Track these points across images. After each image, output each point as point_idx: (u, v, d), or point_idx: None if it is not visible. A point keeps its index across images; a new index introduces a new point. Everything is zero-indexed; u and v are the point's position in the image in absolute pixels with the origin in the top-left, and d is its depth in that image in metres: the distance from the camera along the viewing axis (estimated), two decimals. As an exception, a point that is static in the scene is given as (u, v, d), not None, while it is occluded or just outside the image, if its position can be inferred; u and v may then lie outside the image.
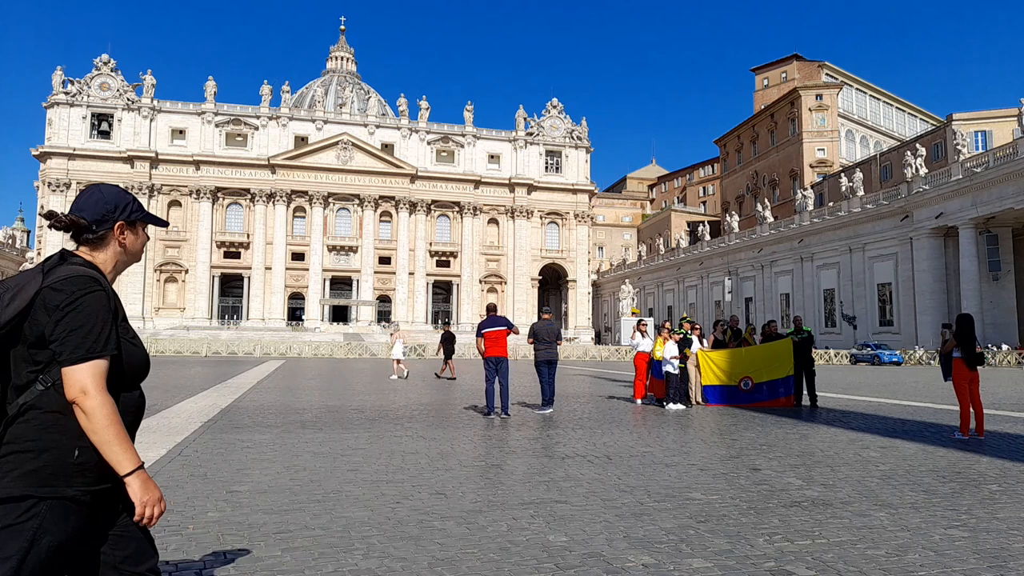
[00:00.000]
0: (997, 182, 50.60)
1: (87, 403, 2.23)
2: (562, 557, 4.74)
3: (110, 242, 2.57)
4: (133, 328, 2.59)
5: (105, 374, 2.30)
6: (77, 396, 2.24)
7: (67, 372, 2.25)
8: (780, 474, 7.85)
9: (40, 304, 2.28)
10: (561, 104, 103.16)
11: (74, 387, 2.24)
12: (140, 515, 2.32)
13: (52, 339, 2.26)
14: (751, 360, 16.39)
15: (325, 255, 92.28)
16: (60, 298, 2.28)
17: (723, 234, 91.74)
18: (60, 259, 2.43)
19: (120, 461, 2.27)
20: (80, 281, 2.33)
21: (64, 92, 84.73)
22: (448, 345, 27.03)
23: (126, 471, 2.28)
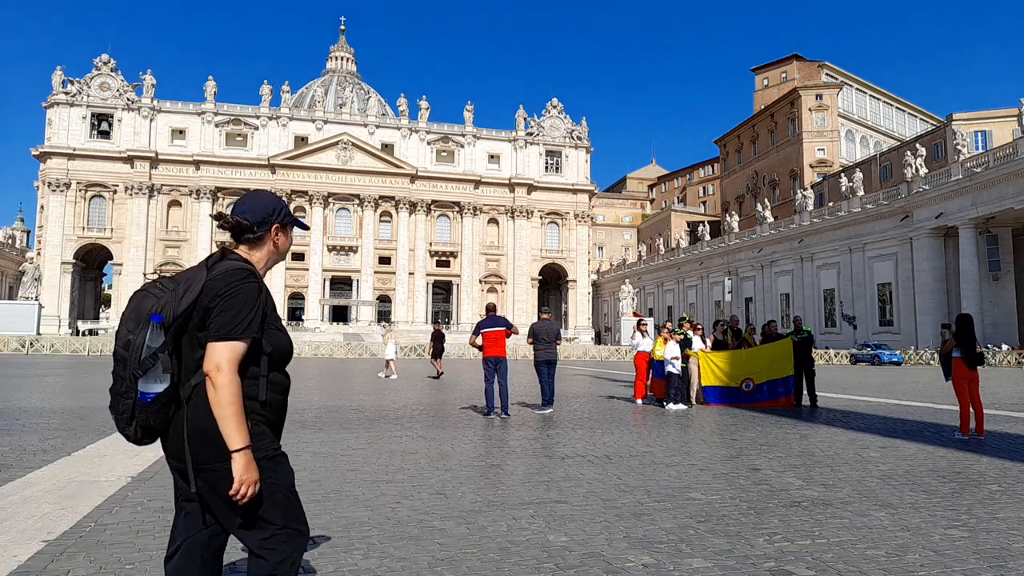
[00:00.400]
0: (997, 182, 50.61)
1: (218, 378, 2.50)
2: (562, 557, 4.74)
3: (266, 242, 2.88)
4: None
5: (240, 356, 2.57)
6: (211, 370, 2.51)
7: (209, 347, 2.54)
8: (780, 474, 7.85)
9: (205, 293, 2.57)
10: (561, 104, 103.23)
11: (211, 362, 2.52)
12: (236, 490, 2.51)
13: (210, 320, 2.57)
14: (752, 362, 16.39)
15: (325, 255, 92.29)
16: (220, 286, 2.59)
17: (723, 234, 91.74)
18: (221, 255, 2.75)
19: (233, 436, 2.51)
20: (239, 273, 2.65)
21: (64, 92, 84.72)
22: (437, 344, 27.22)
23: (236, 447, 2.51)
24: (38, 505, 5.83)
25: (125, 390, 2.57)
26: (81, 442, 9.31)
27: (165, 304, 2.58)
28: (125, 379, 2.57)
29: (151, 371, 2.54)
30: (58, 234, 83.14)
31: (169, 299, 2.59)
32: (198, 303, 2.58)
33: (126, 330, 2.60)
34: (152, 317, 2.55)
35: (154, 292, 2.66)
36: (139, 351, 2.54)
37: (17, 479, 6.84)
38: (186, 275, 2.68)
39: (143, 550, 4.74)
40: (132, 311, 2.64)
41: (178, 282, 2.65)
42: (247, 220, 2.81)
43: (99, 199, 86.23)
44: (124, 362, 2.57)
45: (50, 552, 4.65)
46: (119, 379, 2.59)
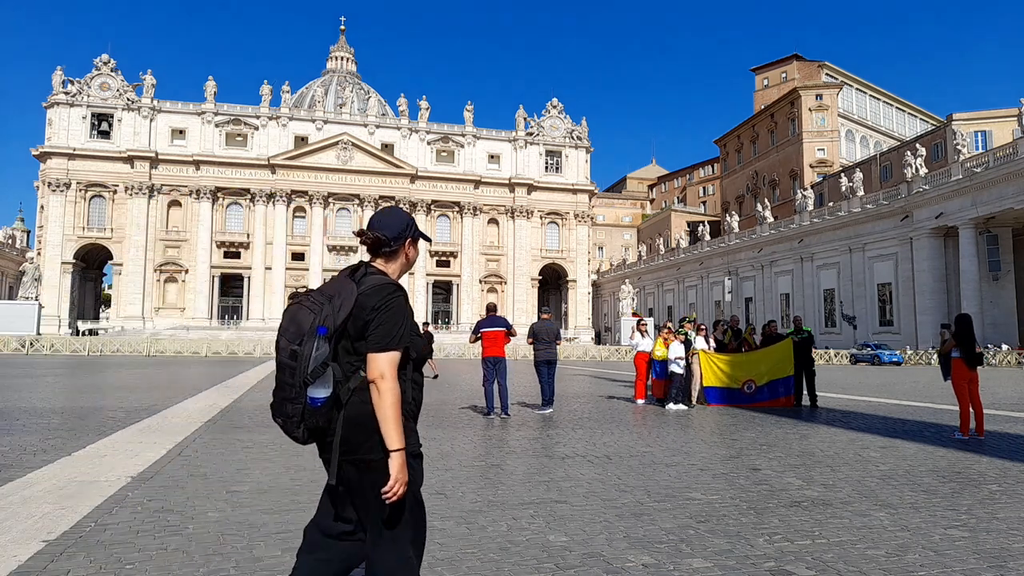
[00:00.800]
0: (997, 182, 50.61)
1: (383, 384, 2.78)
2: (562, 557, 4.74)
3: (400, 255, 3.10)
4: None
5: (398, 363, 2.85)
6: (376, 378, 2.79)
7: (371, 357, 2.81)
8: (780, 474, 7.85)
9: (359, 306, 2.83)
10: (561, 104, 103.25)
11: (375, 370, 2.80)
12: (390, 488, 2.77)
13: (369, 333, 2.83)
14: (754, 364, 16.39)
15: (325, 255, 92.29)
16: (375, 300, 2.84)
17: (723, 234, 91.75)
18: (364, 270, 2.99)
19: (392, 437, 2.78)
20: (388, 287, 2.90)
21: (64, 92, 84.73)
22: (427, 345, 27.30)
23: (394, 447, 2.77)
24: (38, 505, 5.83)
25: (295, 396, 2.80)
26: (81, 442, 9.31)
27: (326, 316, 2.80)
28: (294, 386, 2.79)
29: (320, 378, 2.77)
30: (58, 234, 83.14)
31: (328, 312, 2.82)
32: (353, 315, 2.83)
33: (287, 341, 2.82)
34: (319, 330, 2.78)
35: (307, 305, 2.87)
36: (307, 360, 2.75)
37: (17, 479, 6.84)
38: (333, 288, 2.91)
39: (143, 550, 4.74)
40: (289, 323, 2.86)
41: (329, 296, 2.87)
42: (385, 235, 3.03)
43: (99, 199, 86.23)
44: (292, 370, 2.78)
45: (50, 552, 4.65)
46: (287, 386, 2.81)
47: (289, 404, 2.83)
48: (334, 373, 2.81)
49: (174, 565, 4.45)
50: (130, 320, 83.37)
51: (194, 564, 4.48)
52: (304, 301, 2.90)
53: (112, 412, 13.03)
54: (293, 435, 2.91)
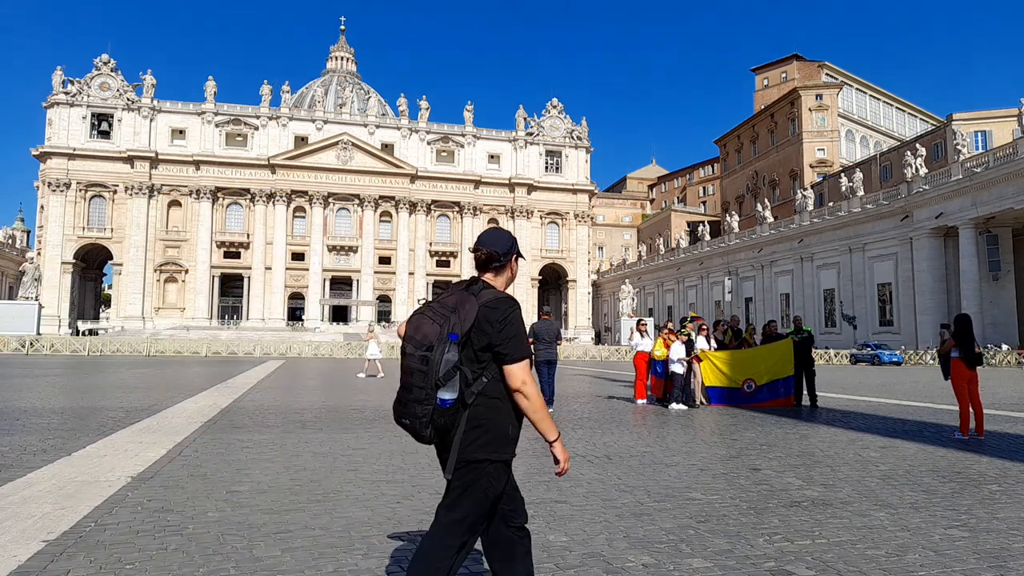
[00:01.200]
0: (997, 182, 50.60)
1: (528, 390, 3.08)
2: (562, 557, 4.73)
3: (507, 270, 3.36)
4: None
5: (529, 368, 3.14)
6: (520, 386, 3.08)
7: (510, 368, 3.08)
8: (780, 474, 7.85)
9: (482, 318, 3.07)
10: (561, 104, 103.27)
11: (516, 380, 3.08)
12: (563, 470, 3.22)
13: (496, 345, 3.07)
14: (754, 362, 16.39)
15: (325, 255, 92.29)
16: (498, 315, 3.08)
17: (723, 234, 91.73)
18: (480, 284, 3.23)
19: (548, 431, 3.16)
20: (507, 301, 3.16)
21: (64, 92, 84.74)
22: None
23: (552, 439, 3.18)
24: (38, 505, 5.83)
25: (424, 398, 3.02)
26: (81, 442, 9.31)
27: (454, 325, 3.05)
28: (425, 388, 3.02)
29: (450, 382, 3.01)
30: (58, 234, 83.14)
31: (456, 321, 3.06)
32: (476, 325, 3.07)
33: (413, 347, 3.08)
34: (450, 336, 3.03)
35: (430, 315, 3.13)
36: (438, 365, 3.00)
37: (17, 479, 6.84)
38: (454, 301, 3.15)
39: (143, 550, 4.74)
40: (415, 331, 3.12)
41: (451, 307, 3.11)
42: (496, 251, 3.30)
43: (99, 199, 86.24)
44: (423, 374, 3.02)
45: (50, 552, 4.65)
46: (417, 389, 3.04)
47: (419, 406, 3.05)
48: (467, 377, 3.07)
49: (174, 565, 4.45)
50: (130, 320, 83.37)
51: (194, 564, 4.48)
52: (427, 312, 3.17)
53: (112, 412, 13.03)
54: (421, 434, 3.11)
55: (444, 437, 3.15)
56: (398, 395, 3.15)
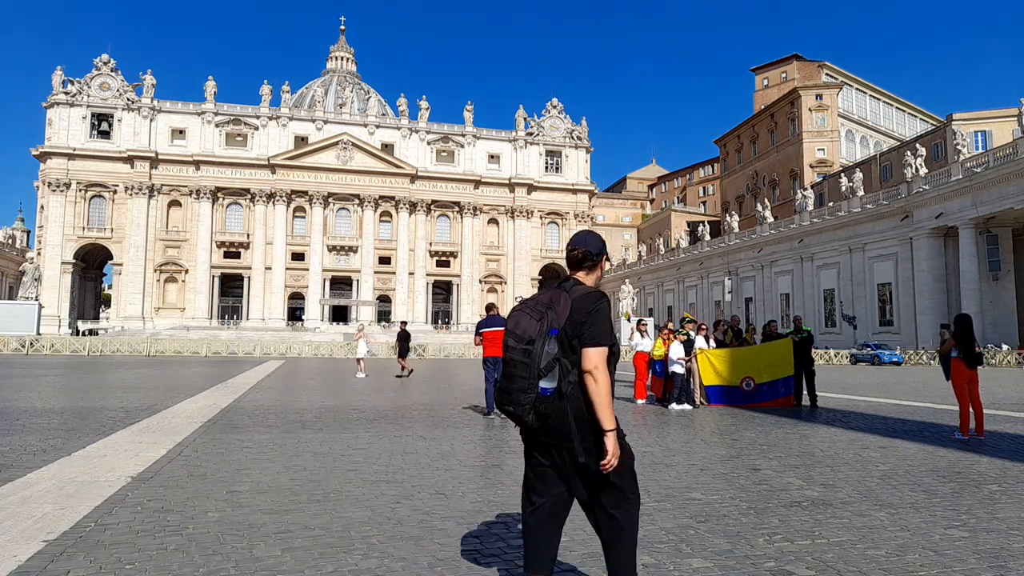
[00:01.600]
0: (997, 182, 50.58)
1: (597, 375, 3.32)
2: (562, 557, 4.73)
3: (597, 268, 3.68)
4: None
5: (607, 357, 3.38)
6: (591, 369, 3.32)
7: (587, 351, 3.34)
8: (780, 474, 7.85)
9: (574, 311, 3.37)
10: (561, 104, 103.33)
11: (590, 362, 3.34)
12: (608, 462, 3.34)
13: (584, 331, 3.35)
14: (752, 360, 16.39)
15: (325, 255, 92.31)
16: (588, 305, 3.39)
17: (723, 234, 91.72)
18: (572, 282, 3.55)
19: (606, 420, 3.34)
20: (596, 294, 3.48)
21: (64, 92, 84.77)
22: (403, 344, 27.84)
23: (609, 428, 3.34)
24: (38, 505, 5.83)
25: (528, 387, 3.31)
26: (81, 442, 9.31)
27: (552, 320, 3.34)
28: (527, 378, 3.31)
29: (552, 372, 3.31)
30: (58, 234, 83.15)
31: (553, 317, 3.36)
32: (571, 318, 3.35)
33: (514, 340, 3.39)
34: (551, 331, 3.33)
35: (527, 312, 3.44)
36: (539, 357, 3.30)
37: (17, 479, 6.85)
38: (549, 298, 3.47)
39: (143, 550, 4.74)
40: (514, 326, 3.44)
41: (547, 304, 3.43)
42: (590, 251, 3.63)
43: (99, 199, 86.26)
44: (526, 366, 3.31)
45: (50, 552, 4.65)
46: (520, 379, 3.32)
47: (522, 394, 3.32)
48: (565, 368, 3.35)
49: (174, 565, 4.45)
50: (130, 320, 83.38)
51: (194, 564, 4.48)
52: (525, 308, 3.48)
53: (112, 412, 13.03)
54: (524, 420, 3.37)
55: (545, 423, 3.38)
56: (500, 385, 3.44)
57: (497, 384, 3.51)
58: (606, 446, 3.33)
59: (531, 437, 3.50)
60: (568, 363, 3.35)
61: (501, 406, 3.44)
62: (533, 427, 3.39)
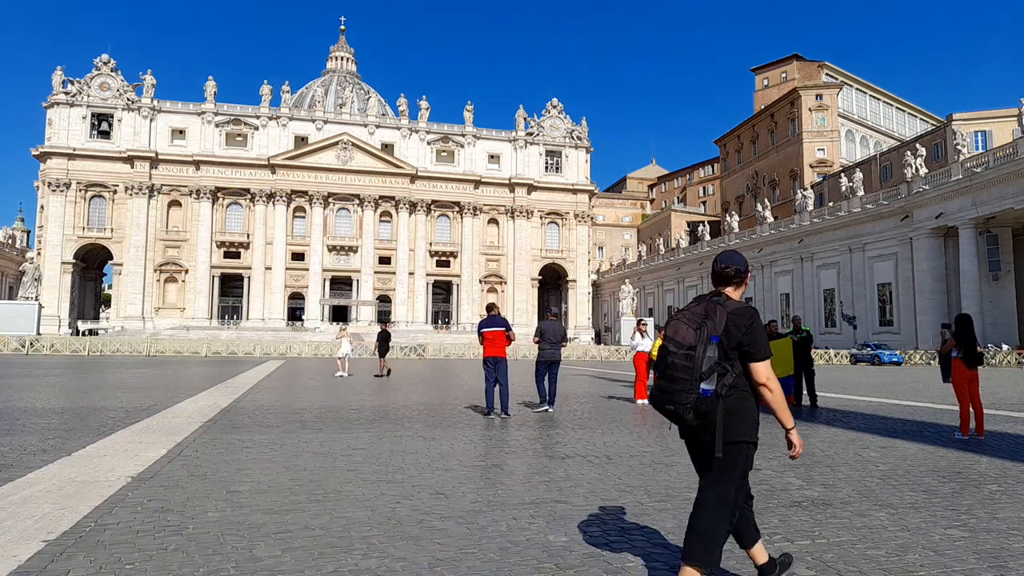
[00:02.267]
0: (997, 182, 50.59)
1: (771, 384, 3.77)
2: (562, 557, 4.74)
3: (743, 284, 4.04)
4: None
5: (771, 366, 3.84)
6: (765, 381, 3.76)
7: (756, 366, 3.76)
8: (780, 474, 7.85)
9: (731, 323, 3.72)
10: (561, 104, 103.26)
11: (762, 375, 3.77)
12: (796, 453, 3.97)
13: (745, 345, 3.74)
14: None
15: (325, 255, 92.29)
16: (745, 321, 3.74)
17: (723, 234, 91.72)
18: (723, 297, 3.91)
19: (787, 420, 3.89)
20: (750, 310, 3.83)
21: (64, 92, 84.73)
22: (383, 344, 27.96)
23: (789, 426, 3.91)
24: (38, 505, 5.83)
25: (689, 388, 3.66)
26: (81, 442, 9.31)
27: (711, 328, 3.70)
28: (689, 381, 3.66)
29: (710, 376, 3.66)
30: (58, 234, 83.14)
31: (712, 326, 3.71)
32: (727, 329, 3.71)
33: (675, 347, 3.76)
34: (712, 338, 3.69)
35: (685, 321, 3.81)
36: (701, 361, 3.65)
37: (17, 479, 6.85)
38: (704, 310, 3.82)
39: (143, 550, 4.74)
40: (673, 333, 3.81)
41: (702, 315, 3.79)
42: (739, 268, 4.00)
43: (99, 199, 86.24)
44: (688, 369, 3.67)
45: (50, 552, 4.65)
46: (683, 380, 3.68)
47: (684, 395, 3.67)
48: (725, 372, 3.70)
49: (174, 565, 4.45)
50: (130, 320, 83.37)
51: (194, 564, 4.48)
52: (681, 318, 3.85)
53: (112, 412, 13.03)
54: (684, 418, 3.71)
55: (703, 420, 3.71)
56: (659, 386, 3.81)
57: (654, 386, 3.88)
58: (792, 439, 3.93)
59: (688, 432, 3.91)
60: (725, 367, 3.71)
61: (660, 405, 3.80)
62: (691, 424, 3.75)
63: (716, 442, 3.73)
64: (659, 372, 3.83)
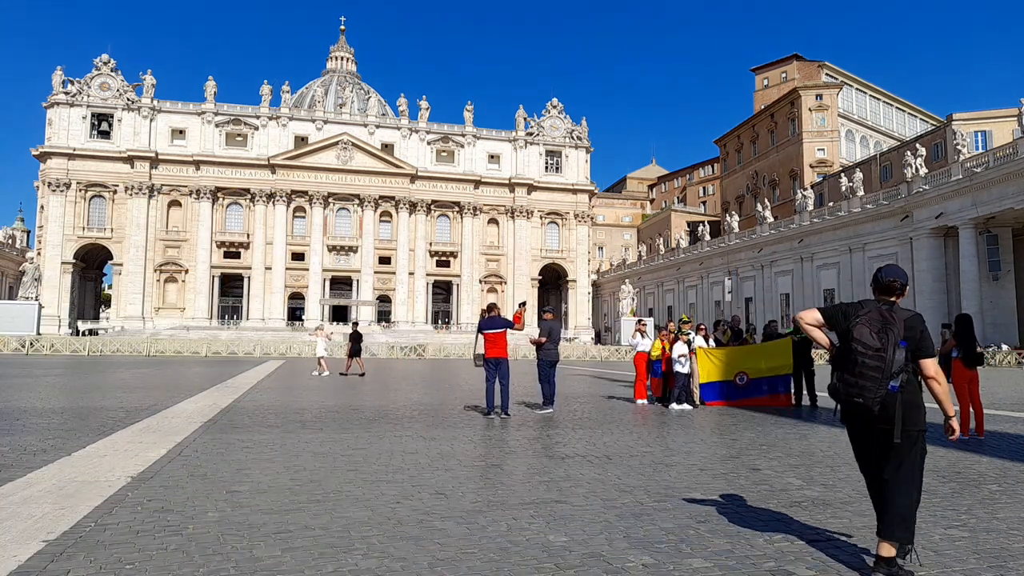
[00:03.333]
0: (997, 182, 50.57)
1: (939, 377, 4.55)
2: (562, 557, 4.74)
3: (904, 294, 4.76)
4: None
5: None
6: (934, 374, 4.52)
7: (926, 362, 4.51)
8: (780, 474, 7.86)
9: (908, 328, 4.47)
10: (561, 104, 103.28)
11: (931, 370, 4.52)
12: (956, 438, 4.69)
13: (919, 346, 4.49)
14: (748, 358, 16.45)
15: (325, 255, 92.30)
16: (918, 326, 4.52)
17: (723, 234, 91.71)
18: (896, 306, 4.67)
19: (949, 408, 4.55)
20: (920, 316, 4.60)
21: (64, 92, 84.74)
22: (355, 344, 28.01)
23: (951, 415, 4.57)
24: (38, 505, 5.84)
25: (880, 385, 4.36)
26: (81, 442, 9.31)
27: (898, 335, 4.41)
28: (880, 379, 4.36)
29: (897, 375, 4.38)
30: (58, 234, 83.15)
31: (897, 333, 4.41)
32: (906, 335, 4.45)
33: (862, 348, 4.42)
34: (901, 343, 4.42)
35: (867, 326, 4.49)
36: (891, 362, 4.36)
37: (17, 479, 6.85)
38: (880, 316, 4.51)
39: (143, 550, 4.74)
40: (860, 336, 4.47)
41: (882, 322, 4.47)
42: (904, 283, 4.76)
43: (99, 199, 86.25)
44: (879, 368, 4.36)
45: (50, 552, 4.65)
46: (873, 378, 4.37)
47: (875, 390, 4.37)
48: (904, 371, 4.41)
49: (174, 565, 4.45)
50: (130, 320, 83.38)
51: (194, 564, 4.48)
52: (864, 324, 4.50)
53: (112, 412, 13.03)
54: (871, 408, 4.41)
55: (885, 412, 4.40)
56: (848, 380, 4.46)
57: (839, 381, 4.53)
58: (952, 425, 4.57)
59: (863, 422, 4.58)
60: (909, 367, 4.44)
61: (850, 399, 4.45)
62: (875, 415, 4.43)
63: (896, 430, 4.40)
64: (844, 369, 4.48)
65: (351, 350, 28.12)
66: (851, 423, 4.64)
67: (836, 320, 4.70)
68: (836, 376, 4.55)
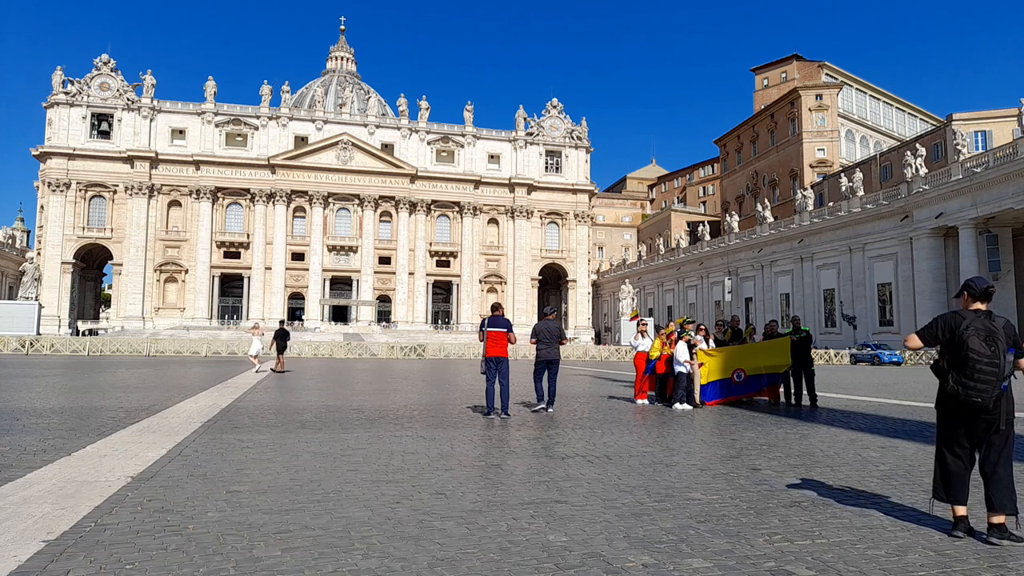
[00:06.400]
0: (997, 182, 50.59)
1: None
2: (562, 557, 4.74)
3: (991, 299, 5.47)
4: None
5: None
6: None
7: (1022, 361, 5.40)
8: (780, 474, 7.85)
9: (1008, 333, 5.26)
10: (561, 104, 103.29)
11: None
12: None
13: (1017, 345, 5.31)
14: (747, 357, 16.47)
15: (325, 255, 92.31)
16: (1011, 330, 5.29)
17: (723, 234, 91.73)
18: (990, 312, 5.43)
19: None
20: (1008, 321, 5.37)
21: (64, 92, 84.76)
22: (280, 341, 28.76)
23: None
24: (38, 505, 5.83)
25: (995, 386, 5.09)
26: (81, 442, 9.31)
27: (1006, 342, 5.20)
28: (996, 381, 5.08)
29: (1008, 376, 5.15)
30: (58, 234, 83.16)
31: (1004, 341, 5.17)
32: (1012, 341, 5.24)
33: (976, 355, 5.13)
34: (1010, 349, 5.22)
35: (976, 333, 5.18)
36: (1003, 367, 5.10)
37: (17, 479, 6.85)
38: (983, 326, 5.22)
39: (143, 550, 4.74)
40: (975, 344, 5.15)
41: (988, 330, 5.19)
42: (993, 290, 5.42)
43: (99, 199, 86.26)
44: (995, 372, 5.09)
45: (50, 552, 4.65)
46: (990, 381, 5.08)
47: (992, 390, 5.08)
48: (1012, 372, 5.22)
49: (174, 565, 4.45)
50: (130, 320, 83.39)
51: (194, 564, 4.48)
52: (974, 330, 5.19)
53: (112, 412, 13.03)
54: (987, 405, 5.13)
55: (995, 406, 5.15)
56: (965, 384, 5.15)
57: (956, 381, 5.20)
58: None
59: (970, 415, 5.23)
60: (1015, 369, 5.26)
61: (969, 398, 5.11)
62: (987, 408, 5.13)
63: (1001, 419, 5.20)
64: (962, 374, 5.15)
65: (278, 347, 29.13)
66: (961, 417, 5.28)
67: (937, 335, 5.40)
68: (953, 378, 5.23)
